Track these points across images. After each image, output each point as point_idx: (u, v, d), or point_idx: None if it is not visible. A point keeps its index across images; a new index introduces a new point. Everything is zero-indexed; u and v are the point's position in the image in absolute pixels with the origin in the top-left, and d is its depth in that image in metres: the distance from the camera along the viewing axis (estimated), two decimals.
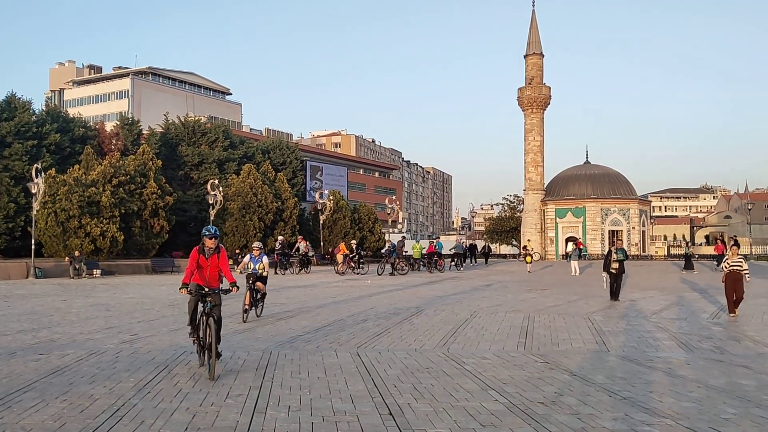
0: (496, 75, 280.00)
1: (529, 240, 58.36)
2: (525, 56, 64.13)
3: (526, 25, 64.44)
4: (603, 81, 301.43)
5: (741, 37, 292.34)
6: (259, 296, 14.01)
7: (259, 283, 13.86)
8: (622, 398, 6.98)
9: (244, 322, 13.22)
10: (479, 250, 51.87)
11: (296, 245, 36.08)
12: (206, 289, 8.46)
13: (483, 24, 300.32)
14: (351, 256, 33.95)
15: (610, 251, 18.72)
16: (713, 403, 6.76)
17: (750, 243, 59.69)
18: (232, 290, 8.54)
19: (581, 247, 49.09)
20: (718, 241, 38.36)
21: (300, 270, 33.96)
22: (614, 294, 18.23)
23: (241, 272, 13.82)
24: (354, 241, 37.46)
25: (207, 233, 8.62)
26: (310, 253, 36.32)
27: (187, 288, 8.50)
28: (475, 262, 47.45)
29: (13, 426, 5.91)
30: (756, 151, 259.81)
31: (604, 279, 18.68)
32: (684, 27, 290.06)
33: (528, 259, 37.81)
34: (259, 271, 13.97)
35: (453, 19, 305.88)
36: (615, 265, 18.05)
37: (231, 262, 21.45)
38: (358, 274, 32.52)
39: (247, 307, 13.62)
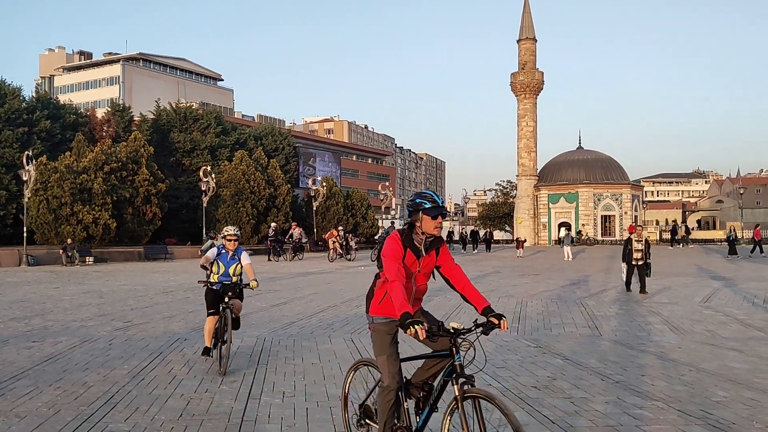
0: (489, 60, 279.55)
1: (584, 224, 58.65)
2: (518, 41, 63.97)
3: (519, 9, 64.08)
4: (596, 66, 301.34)
5: (733, 22, 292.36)
6: (230, 320, 7.71)
7: (236, 301, 7.93)
8: (614, 382, 7.02)
9: (223, 374, 7.43)
10: (481, 237, 49.53)
11: (290, 232, 35.87)
12: (458, 326, 4.01)
13: (476, 8, 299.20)
14: (339, 242, 33.90)
15: (629, 239, 16.51)
16: (704, 386, 6.81)
17: (741, 227, 59.98)
18: (500, 325, 4.09)
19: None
20: (757, 227, 40.43)
21: (293, 257, 33.84)
22: (629, 285, 16.36)
23: (207, 274, 7.99)
24: (341, 227, 37.24)
25: (425, 204, 4.20)
26: (303, 240, 36.20)
27: (419, 323, 3.80)
28: (476, 249, 45.85)
29: (7, 413, 5.90)
30: (748, 135, 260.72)
31: (624, 270, 16.72)
32: (676, 12, 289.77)
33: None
34: (233, 279, 7.98)
35: (446, 4, 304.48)
36: (637, 255, 16.04)
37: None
38: (348, 260, 32.61)
39: (209, 345, 7.89)
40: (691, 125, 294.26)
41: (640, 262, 16.01)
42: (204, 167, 40.30)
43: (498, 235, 77.46)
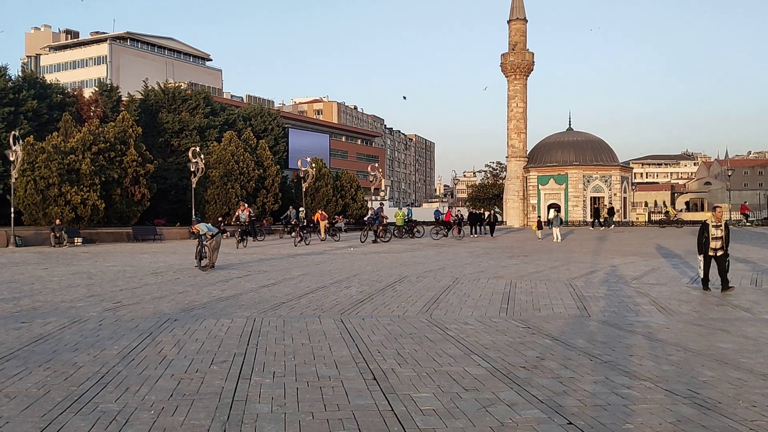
0: (479, 41, 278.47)
1: (672, 204, 58.97)
2: (508, 21, 63.63)
3: None
4: (586, 47, 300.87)
5: (720, 8, 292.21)
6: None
7: None
8: (602, 362, 7.08)
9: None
10: (485, 219, 42.84)
11: (236, 213, 30.34)
12: None
13: None
14: (301, 225, 30.69)
15: (706, 225, 13.17)
16: (692, 366, 6.88)
17: (729, 209, 60.45)
18: None
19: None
20: None
21: (238, 243, 27.91)
22: (707, 282, 13.36)
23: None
24: (302, 208, 33.49)
25: None
26: (243, 219, 29.22)
27: None
28: (476, 233, 40.51)
29: None
30: (736, 117, 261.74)
31: (700, 264, 13.45)
32: None
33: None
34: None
35: None
36: (715, 244, 12.99)
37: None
38: (308, 244, 29.66)
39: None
40: (680, 107, 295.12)
41: (719, 253, 13.01)
42: (193, 148, 39.97)
43: None
